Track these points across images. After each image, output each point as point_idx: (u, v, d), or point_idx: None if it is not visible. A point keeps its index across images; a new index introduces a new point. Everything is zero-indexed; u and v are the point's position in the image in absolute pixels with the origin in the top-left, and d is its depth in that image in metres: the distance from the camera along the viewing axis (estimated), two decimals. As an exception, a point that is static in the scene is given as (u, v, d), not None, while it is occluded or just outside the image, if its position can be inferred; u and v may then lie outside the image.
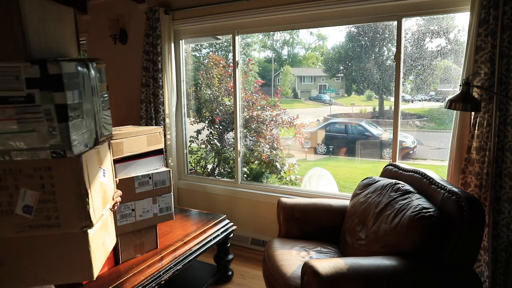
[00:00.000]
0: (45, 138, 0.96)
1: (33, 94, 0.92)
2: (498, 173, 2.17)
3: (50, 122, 0.95)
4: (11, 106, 0.92)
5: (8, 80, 0.91)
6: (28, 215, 1.01)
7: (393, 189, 2.05)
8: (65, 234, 1.04)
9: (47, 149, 0.97)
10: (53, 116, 0.94)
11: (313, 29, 4.11)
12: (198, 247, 2.37)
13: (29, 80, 0.91)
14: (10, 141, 0.95)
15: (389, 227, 1.86)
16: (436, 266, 1.66)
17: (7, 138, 0.94)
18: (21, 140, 0.96)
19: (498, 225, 2.19)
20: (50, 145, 0.96)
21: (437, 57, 3.12)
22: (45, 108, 0.94)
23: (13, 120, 0.93)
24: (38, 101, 0.93)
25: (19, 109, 0.93)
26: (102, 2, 3.86)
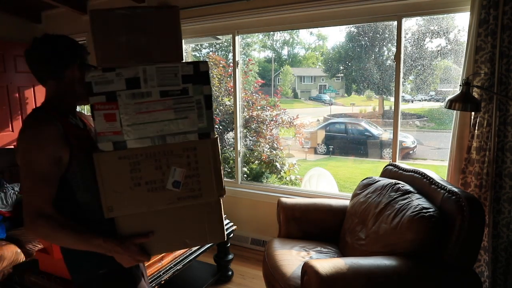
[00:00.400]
0: (195, 123, 1.17)
1: (187, 88, 1.15)
2: (498, 173, 2.17)
3: (200, 110, 1.17)
4: (170, 98, 1.14)
5: (169, 77, 1.14)
6: (176, 189, 1.18)
7: (393, 189, 2.05)
8: (205, 203, 1.22)
9: (195, 132, 1.18)
10: (202, 104, 1.17)
11: (313, 29, 4.11)
12: (198, 247, 2.37)
13: (184, 76, 1.15)
14: (167, 127, 1.15)
15: (389, 227, 1.86)
16: (436, 266, 1.66)
17: (165, 124, 1.15)
18: (176, 125, 1.16)
19: (498, 225, 2.19)
20: (198, 128, 1.18)
21: (437, 57, 3.12)
22: (196, 99, 1.16)
23: (171, 110, 1.15)
24: (191, 93, 1.16)
25: (176, 100, 1.15)
26: (102, 2, 3.86)
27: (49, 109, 1.19)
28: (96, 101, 1.10)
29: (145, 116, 1.13)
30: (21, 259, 2.43)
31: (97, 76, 1.09)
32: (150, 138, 1.14)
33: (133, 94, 1.11)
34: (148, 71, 1.12)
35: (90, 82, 1.09)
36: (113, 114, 1.11)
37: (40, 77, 1.23)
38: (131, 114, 1.12)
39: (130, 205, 1.15)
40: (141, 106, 1.12)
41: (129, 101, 1.11)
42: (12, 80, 4.14)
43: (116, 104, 1.11)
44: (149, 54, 1.15)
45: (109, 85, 1.10)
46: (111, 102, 1.10)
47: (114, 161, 1.13)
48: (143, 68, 1.12)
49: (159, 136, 1.15)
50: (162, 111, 1.14)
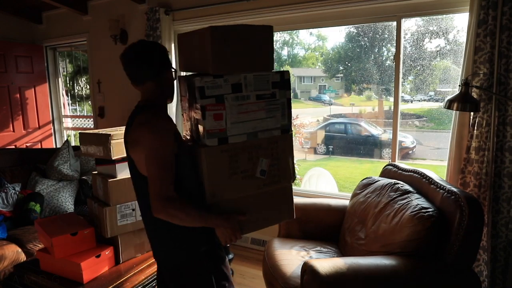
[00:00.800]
0: (279, 121, 1.43)
1: (275, 92, 1.40)
2: (497, 173, 2.18)
3: (283, 110, 1.43)
4: (263, 100, 1.39)
5: (262, 83, 1.38)
6: (263, 176, 1.43)
7: (392, 189, 2.06)
8: (282, 187, 1.49)
9: (279, 129, 1.44)
10: (285, 106, 1.43)
11: (313, 29, 4.11)
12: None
13: (273, 83, 1.40)
14: (259, 125, 1.39)
15: (389, 226, 1.86)
16: (435, 266, 1.67)
17: (258, 123, 1.39)
18: (265, 123, 1.41)
19: (497, 225, 2.19)
20: (281, 125, 1.44)
21: (436, 57, 3.13)
22: (281, 101, 1.42)
23: (263, 110, 1.39)
24: (278, 97, 1.41)
25: (267, 102, 1.39)
26: (103, 3, 3.86)
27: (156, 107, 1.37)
28: (207, 103, 1.29)
29: (244, 115, 1.36)
30: (22, 258, 2.44)
31: (209, 82, 1.28)
32: (246, 134, 1.38)
33: (237, 97, 1.33)
34: (248, 78, 1.35)
35: (203, 86, 1.28)
36: (221, 114, 1.32)
37: (139, 79, 1.37)
38: (234, 114, 1.34)
39: (229, 191, 1.38)
40: (242, 107, 1.35)
41: (234, 103, 1.33)
42: (13, 80, 4.15)
43: (223, 105, 1.31)
44: (248, 63, 1.37)
45: (218, 89, 1.30)
46: (219, 103, 1.31)
47: (217, 154, 1.34)
48: (244, 75, 1.34)
49: (253, 132, 1.39)
50: (256, 111, 1.38)
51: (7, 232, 2.62)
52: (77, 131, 4.67)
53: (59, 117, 4.68)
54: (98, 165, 2.12)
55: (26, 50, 4.26)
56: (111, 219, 1.96)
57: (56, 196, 3.07)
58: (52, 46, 4.50)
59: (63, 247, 1.86)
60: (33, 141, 4.37)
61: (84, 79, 5.07)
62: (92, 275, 1.85)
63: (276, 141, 1.44)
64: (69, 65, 5.07)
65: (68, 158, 3.25)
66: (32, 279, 1.94)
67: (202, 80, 1.27)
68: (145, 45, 1.36)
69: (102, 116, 4.11)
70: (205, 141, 1.32)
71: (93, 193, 2.18)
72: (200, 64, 1.38)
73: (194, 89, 1.30)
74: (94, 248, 1.95)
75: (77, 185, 3.24)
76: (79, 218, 2.14)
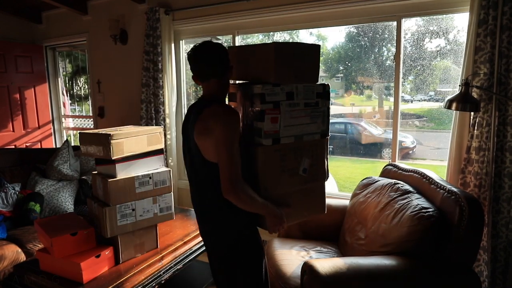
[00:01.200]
0: (319, 126, 1.63)
1: (318, 101, 1.60)
2: (498, 173, 2.18)
3: (323, 117, 1.63)
4: (309, 108, 1.58)
5: (309, 93, 1.57)
6: (304, 174, 1.62)
7: (392, 189, 2.06)
8: (318, 184, 1.69)
9: (319, 133, 1.64)
10: (325, 114, 1.63)
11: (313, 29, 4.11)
12: (199, 247, 2.37)
13: (317, 93, 1.59)
14: (305, 129, 1.59)
15: (389, 226, 1.86)
16: (435, 266, 1.67)
17: (304, 127, 1.58)
18: (309, 128, 1.60)
19: (497, 225, 2.19)
20: (321, 130, 1.64)
21: (437, 57, 3.13)
22: (323, 109, 1.62)
23: (308, 116, 1.59)
24: (320, 105, 1.61)
25: (312, 110, 1.59)
26: (103, 2, 3.86)
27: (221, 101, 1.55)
28: (267, 107, 1.48)
29: (294, 120, 1.55)
30: (21, 258, 2.44)
31: (269, 89, 1.47)
32: (294, 136, 1.57)
33: (290, 103, 1.52)
34: (298, 87, 1.54)
35: (264, 93, 1.46)
36: (277, 118, 1.50)
37: (206, 76, 1.51)
38: (287, 118, 1.53)
39: (279, 186, 1.57)
40: (293, 113, 1.54)
41: (287, 108, 1.52)
42: (12, 80, 4.15)
43: (279, 110, 1.50)
44: (300, 75, 1.57)
45: (276, 96, 1.48)
46: (276, 108, 1.49)
47: (271, 153, 1.53)
48: (295, 85, 1.53)
49: (299, 135, 1.58)
50: (303, 117, 1.57)
51: (7, 232, 2.62)
52: (77, 131, 4.67)
53: (59, 117, 4.68)
54: (98, 165, 2.11)
55: (26, 50, 4.26)
56: (111, 219, 1.96)
57: (56, 196, 3.06)
58: (51, 46, 4.50)
59: (63, 247, 1.86)
60: (33, 141, 4.37)
61: (82, 79, 5.07)
62: (92, 275, 1.85)
63: (316, 144, 1.64)
64: (68, 65, 5.06)
65: (68, 158, 3.25)
66: (32, 279, 1.93)
67: (263, 87, 1.46)
68: (213, 46, 1.50)
69: (102, 116, 4.11)
70: (262, 140, 1.50)
71: (93, 193, 2.17)
72: (259, 74, 1.58)
73: (252, 95, 1.49)
74: (94, 248, 1.95)
75: (77, 185, 3.24)
76: (79, 218, 2.13)
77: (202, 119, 1.46)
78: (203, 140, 1.46)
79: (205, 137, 1.45)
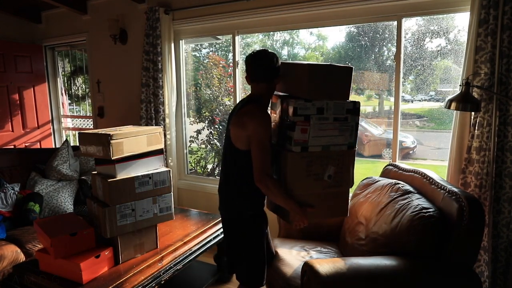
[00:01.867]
0: (347, 139, 1.78)
1: (347, 117, 1.76)
2: (498, 173, 2.17)
3: (351, 131, 1.78)
4: (338, 122, 1.75)
5: (339, 109, 1.74)
6: (329, 180, 1.80)
7: (393, 189, 2.05)
8: (342, 191, 1.85)
9: (346, 145, 1.79)
10: (354, 128, 1.79)
11: (313, 29, 4.10)
12: (198, 247, 2.37)
13: (347, 109, 1.75)
14: (332, 140, 1.76)
15: (389, 227, 1.86)
16: (436, 266, 1.66)
17: (331, 138, 1.75)
18: (337, 140, 1.76)
19: (498, 225, 2.19)
20: (348, 142, 1.79)
21: (437, 57, 3.12)
22: (351, 124, 1.77)
23: (336, 129, 1.76)
24: (349, 120, 1.76)
25: (341, 124, 1.76)
26: (102, 2, 3.86)
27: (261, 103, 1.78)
28: (298, 120, 1.68)
29: (322, 132, 1.73)
30: (21, 259, 2.43)
31: (301, 104, 1.68)
32: (321, 146, 1.75)
33: (319, 117, 1.71)
34: (329, 104, 1.72)
35: (296, 107, 1.68)
36: (306, 129, 1.70)
37: (257, 78, 1.77)
38: (316, 130, 1.71)
39: (302, 188, 1.76)
40: (322, 125, 1.72)
41: (316, 121, 1.70)
42: (12, 80, 4.14)
43: (309, 122, 1.69)
44: (332, 93, 1.74)
45: (307, 110, 1.69)
46: (306, 121, 1.69)
47: (298, 159, 1.73)
48: (326, 102, 1.71)
49: (327, 145, 1.76)
50: (332, 130, 1.75)
51: (6, 233, 2.62)
52: (76, 131, 4.66)
53: (58, 117, 4.68)
54: (97, 165, 2.11)
55: (25, 49, 4.25)
56: (111, 219, 1.96)
57: (56, 196, 3.06)
58: (51, 45, 4.50)
59: (63, 248, 1.86)
60: (32, 141, 4.37)
61: (80, 78, 5.06)
62: (91, 276, 1.85)
63: (343, 154, 1.79)
64: (67, 64, 5.06)
65: (68, 158, 3.24)
66: (31, 279, 1.93)
67: (296, 102, 1.68)
68: (269, 55, 1.75)
69: (102, 116, 4.10)
70: (292, 147, 1.71)
71: (93, 193, 2.17)
72: (295, 90, 1.80)
73: (288, 108, 1.72)
74: (94, 248, 1.94)
75: (76, 185, 3.24)
76: (79, 218, 2.13)
77: (240, 114, 1.74)
78: (236, 130, 1.74)
79: (238, 129, 1.72)
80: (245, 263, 1.88)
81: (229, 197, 1.86)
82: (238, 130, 1.73)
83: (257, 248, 1.87)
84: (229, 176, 1.84)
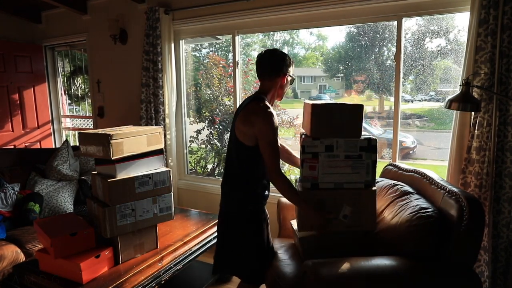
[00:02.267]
0: (363, 176, 1.79)
1: (362, 154, 1.77)
2: (498, 173, 2.17)
3: (368, 169, 1.78)
4: (350, 159, 1.77)
5: (351, 147, 1.76)
6: (345, 220, 1.82)
7: (392, 190, 2.05)
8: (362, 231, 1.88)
9: (362, 183, 1.80)
10: (370, 166, 1.79)
11: (313, 29, 4.10)
12: (198, 247, 2.37)
13: (361, 147, 1.77)
14: (345, 178, 1.78)
15: (388, 227, 1.86)
16: (436, 266, 1.66)
17: (344, 176, 1.78)
18: (351, 177, 1.78)
19: (498, 225, 2.19)
20: (365, 180, 1.80)
21: (437, 57, 3.12)
22: (367, 162, 1.77)
23: (349, 167, 1.77)
24: (364, 158, 1.77)
25: (354, 161, 1.77)
26: (102, 2, 3.86)
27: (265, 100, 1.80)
28: (305, 157, 1.76)
29: (333, 169, 1.77)
30: (21, 259, 2.43)
31: (309, 142, 1.75)
32: (334, 183, 1.78)
33: (328, 155, 1.75)
34: (339, 142, 1.75)
35: (304, 145, 1.75)
36: (315, 166, 1.76)
37: (261, 74, 1.85)
38: (325, 167, 1.76)
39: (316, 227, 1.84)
40: (332, 163, 1.76)
41: (325, 159, 1.75)
42: (12, 80, 4.14)
43: (317, 160, 1.75)
44: (341, 131, 1.77)
45: (315, 148, 1.75)
46: (314, 158, 1.75)
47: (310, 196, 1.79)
48: (336, 140, 1.75)
49: (339, 183, 1.78)
50: (343, 167, 1.77)
51: (6, 233, 2.62)
52: (76, 131, 4.66)
53: (58, 117, 4.67)
54: (97, 165, 2.11)
55: (25, 49, 4.25)
56: (111, 219, 1.96)
57: (56, 196, 3.06)
58: (51, 45, 4.50)
59: (63, 248, 1.86)
60: (32, 141, 4.37)
61: (80, 78, 5.06)
62: (91, 276, 1.85)
63: (360, 193, 1.79)
64: (67, 64, 5.05)
65: (68, 158, 3.24)
66: (31, 279, 1.93)
67: (304, 140, 1.76)
68: (274, 53, 1.84)
69: (102, 116, 4.10)
70: (302, 183, 1.79)
71: (93, 193, 2.17)
72: (306, 128, 1.90)
73: None
74: (94, 248, 1.94)
75: (76, 185, 3.23)
76: (79, 218, 2.13)
77: (247, 111, 1.78)
78: (242, 126, 1.77)
79: (244, 125, 1.76)
80: (244, 259, 1.89)
81: (230, 190, 1.89)
82: (244, 127, 1.77)
83: (256, 244, 1.88)
84: (231, 169, 1.88)
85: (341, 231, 1.88)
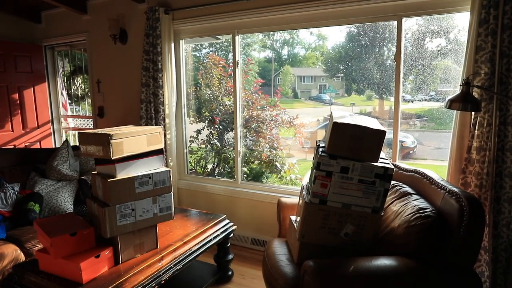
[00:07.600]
0: (372, 202, 1.80)
1: (375, 181, 1.77)
2: (498, 173, 2.17)
3: (378, 196, 1.79)
4: (363, 184, 1.78)
5: (367, 172, 1.76)
6: (346, 238, 1.85)
7: (391, 191, 2.05)
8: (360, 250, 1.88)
9: (370, 208, 1.81)
10: (381, 193, 1.79)
11: (313, 29, 4.10)
12: (198, 247, 2.36)
13: (376, 174, 1.76)
14: (354, 200, 1.80)
15: (388, 228, 1.86)
16: (436, 266, 1.66)
17: (354, 199, 1.80)
18: (360, 201, 1.80)
19: (498, 225, 2.18)
20: (373, 206, 1.81)
21: (437, 57, 3.11)
22: (379, 189, 1.78)
23: (361, 191, 1.78)
24: (377, 185, 1.77)
25: (366, 186, 1.78)
26: (102, 2, 3.86)
27: None
28: (319, 174, 1.77)
29: (344, 190, 1.78)
30: (21, 259, 2.43)
31: (326, 160, 1.75)
32: (342, 203, 1.80)
33: (342, 176, 1.76)
34: (356, 165, 1.75)
35: (320, 162, 1.74)
36: (326, 184, 1.77)
37: None
38: (336, 187, 1.77)
39: (315, 238, 1.86)
40: (344, 184, 1.77)
41: (338, 180, 1.76)
42: (12, 80, 4.14)
43: (330, 179, 1.77)
44: (359, 155, 1.77)
45: (330, 167, 1.75)
46: (328, 177, 1.77)
47: (316, 210, 1.82)
48: (353, 163, 1.75)
49: (348, 204, 1.80)
50: (355, 190, 1.78)
51: (6, 232, 2.61)
52: (76, 131, 4.66)
53: (58, 117, 4.67)
54: (97, 165, 2.11)
55: (25, 49, 4.25)
56: (111, 219, 1.95)
57: (55, 196, 3.06)
58: (51, 45, 4.49)
59: (62, 247, 1.85)
60: (32, 141, 4.37)
61: (79, 78, 5.06)
62: (91, 276, 1.85)
63: (366, 217, 1.81)
64: (67, 64, 5.05)
65: (67, 158, 3.24)
66: (31, 279, 1.93)
67: (321, 157, 1.76)
68: None
69: (102, 116, 4.10)
70: (310, 198, 1.81)
71: (93, 193, 2.17)
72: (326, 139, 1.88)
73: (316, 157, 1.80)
74: (94, 248, 1.94)
75: (76, 185, 3.23)
76: (79, 218, 2.13)
77: None
78: None
79: None
80: None
81: None
82: None
83: None
84: None
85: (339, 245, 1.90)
